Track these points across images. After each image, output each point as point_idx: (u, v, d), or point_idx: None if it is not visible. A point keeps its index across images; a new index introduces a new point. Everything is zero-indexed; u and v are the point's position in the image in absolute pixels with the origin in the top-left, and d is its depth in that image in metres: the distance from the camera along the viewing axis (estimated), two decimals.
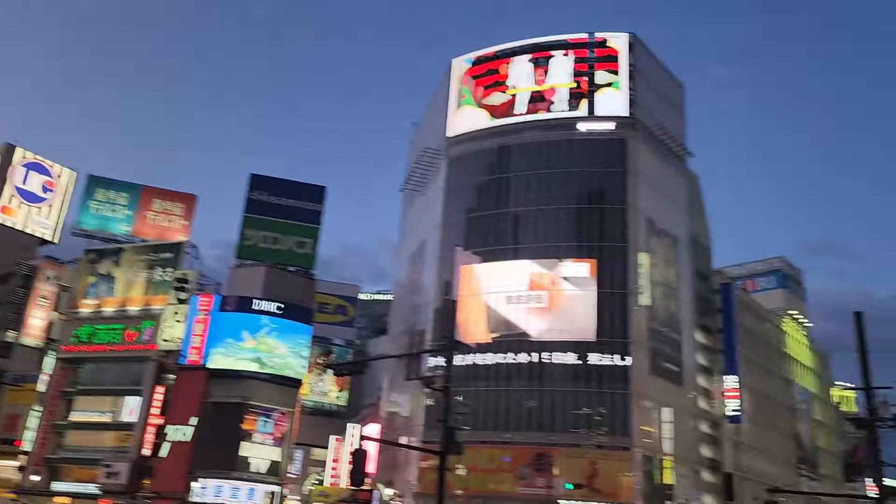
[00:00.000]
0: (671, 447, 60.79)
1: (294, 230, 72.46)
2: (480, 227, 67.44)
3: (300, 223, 72.60)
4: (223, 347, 62.53)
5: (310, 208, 74.03)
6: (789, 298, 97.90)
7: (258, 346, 63.26)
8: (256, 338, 63.40)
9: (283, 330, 64.57)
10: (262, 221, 72.44)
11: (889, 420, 21.52)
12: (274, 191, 73.59)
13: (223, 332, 62.86)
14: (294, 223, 72.24)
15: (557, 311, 62.22)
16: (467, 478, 57.89)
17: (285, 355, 64.41)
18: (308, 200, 74.16)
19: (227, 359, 62.28)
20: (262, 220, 72.41)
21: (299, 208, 73.14)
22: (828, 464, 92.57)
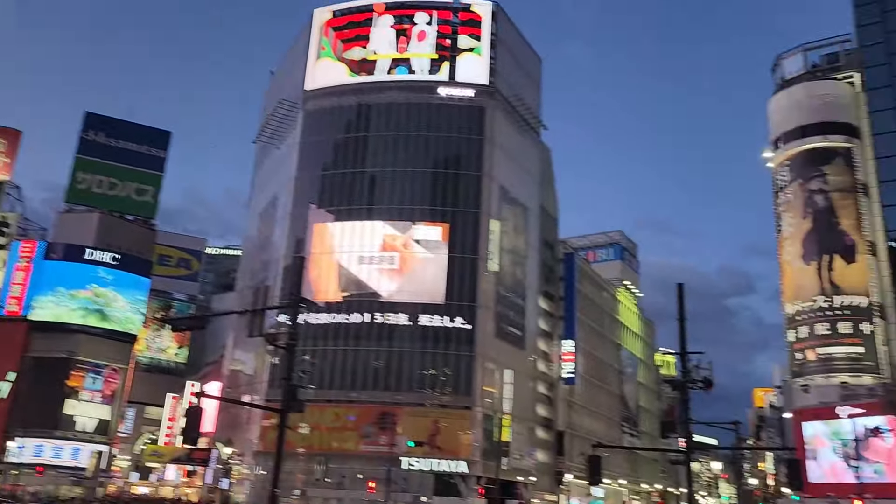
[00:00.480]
0: (510, 407, 63.78)
1: (134, 176, 67.63)
2: (335, 185, 66.37)
3: (141, 169, 67.81)
4: (49, 298, 57.71)
5: (152, 154, 69.21)
6: (625, 270, 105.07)
7: (92, 297, 58.96)
8: (89, 289, 59.03)
9: (118, 282, 60.57)
10: (98, 164, 66.93)
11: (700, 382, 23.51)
12: (113, 132, 68.02)
13: (49, 281, 57.95)
14: (134, 168, 67.36)
15: (408, 274, 62.87)
16: (311, 436, 57.65)
17: (124, 309, 60.63)
18: (150, 145, 69.23)
19: (53, 310, 57.59)
20: (97, 163, 66.89)
21: (140, 153, 68.15)
22: (647, 422, 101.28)
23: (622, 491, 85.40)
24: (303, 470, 58.08)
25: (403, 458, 55.27)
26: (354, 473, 56.89)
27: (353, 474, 56.95)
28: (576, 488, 74.24)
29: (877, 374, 48.92)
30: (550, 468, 72.74)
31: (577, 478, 70.94)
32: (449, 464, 57.41)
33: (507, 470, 59.06)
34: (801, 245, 54.35)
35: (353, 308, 61.98)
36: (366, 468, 55.39)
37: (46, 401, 55.12)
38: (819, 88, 57.42)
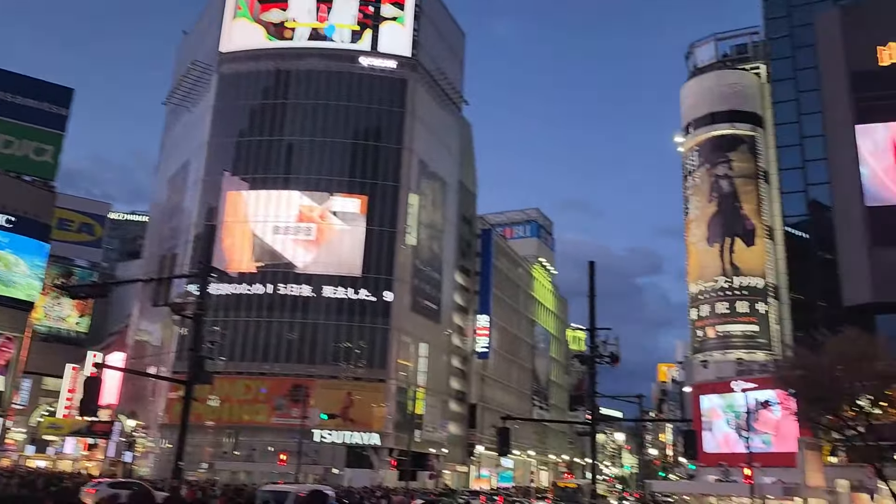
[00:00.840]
0: (424, 380, 64.38)
1: (32, 134, 63.35)
2: (251, 152, 64.49)
3: (40, 127, 63.47)
4: None
5: (53, 111, 64.85)
6: (540, 247, 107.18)
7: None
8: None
9: (14, 245, 57.10)
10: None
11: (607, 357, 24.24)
12: (10, 87, 63.32)
13: None
14: (33, 126, 63.01)
15: (325, 245, 62.07)
16: (220, 409, 56.47)
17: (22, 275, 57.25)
18: (51, 102, 64.80)
19: None
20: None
21: (40, 110, 63.71)
22: (557, 395, 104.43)
23: (531, 461, 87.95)
24: (211, 443, 56.95)
25: (316, 431, 54.99)
26: (265, 446, 56.24)
27: (264, 447, 56.29)
28: (486, 459, 75.97)
29: (769, 351, 51.93)
30: (462, 440, 74.07)
31: (488, 449, 72.52)
32: (362, 436, 57.55)
33: (420, 442, 59.76)
34: (707, 227, 56.76)
35: (268, 279, 60.81)
36: (277, 441, 54.80)
37: None
38: (729, 77, 59.68)
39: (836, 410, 28.71)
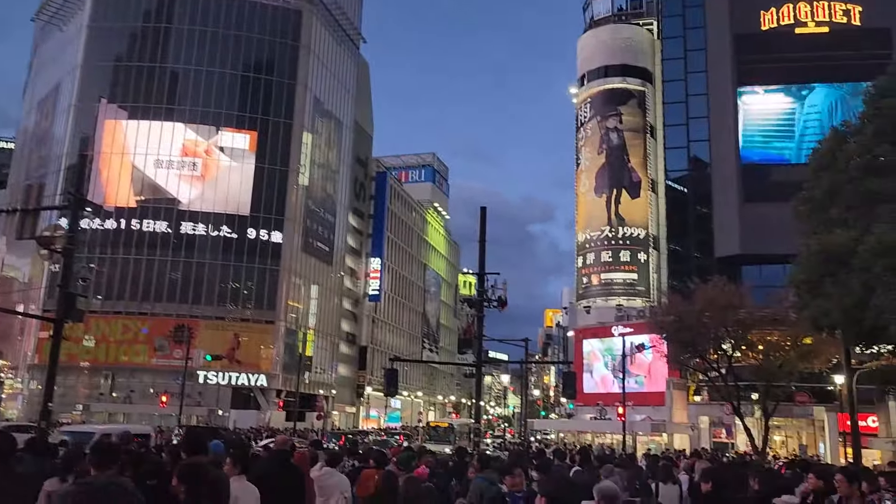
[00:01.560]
0: (315, 322, 63.88)
1: None
2: (130, 79, 60.18)
3: None
4: None
5: None
6: (435, 192, 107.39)
7: None
8: None
9: None
10: None
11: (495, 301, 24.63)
12: None
13: None
14: None
15: (212, 182, 59.51)
16: (96, 349, 54.01)
17: None
18: None
19: None
20: None
21: None
22: (447, 338, 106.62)
23: (419, 402, 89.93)
24: (86, 384, 54.54)
25: (200, 372, 53.69)
26: (145, 387, 54.44)
27: (144, 388, 54.49)
28: (375, 400, 76.99)
29: (647, 299, 54.98)
30: (352, 382, 74.54)
31: (377, 391, 73.42)
32: (249, 377, 56.74)
33: (309, 383, 59.61)
34: (595, 178, 58.66)
35: (149, 215, 57.85)
36: (158, 382, 53.13)
37: None
38: (623, 32, 61.08)
39: (703, 353, 30.82)
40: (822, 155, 20.92)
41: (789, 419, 39.58)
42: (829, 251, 18.16)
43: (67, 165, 57.89)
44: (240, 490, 6.14)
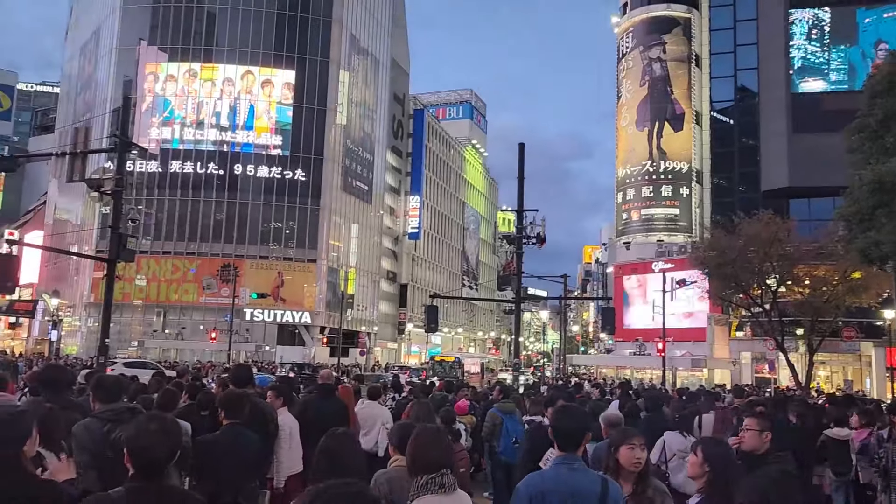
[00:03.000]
0: (356, 260, 64.79)
1: None
2: (168, 20, 60.19)
3: None
4: None
5: None
6: (473, 128, 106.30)
7: None
8: None
9: None
10: None
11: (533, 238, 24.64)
12: None
13: None
14: None
15: (252, 122, 59.84)
16: (148, 288, 55.90)
17: None
18: None
19: None
20: None
21: None
22: (486, 275, 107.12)
23: (459, 338, 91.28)
24: (140, 321, 56.65)
25: (246, 310, 55.25)
26: (195, 324, 56.32)
27: (194, 325, 56.38)
28: (416, 337, 78.35)
29: (688, 234, 54.25)
30: (393, 319, 75.89)
31: (418, 327, 74.66)
32: (293, 314, 58.19)
33: (351, 321, 60.89)
34: (636, 111, 57.24)
35: (193, 157, 58.71)
36: (207, 319, 54.91)
37: None
38: None
39: (746, 289, 30.49)
40: (878, 81, 20.00)
41: (835, 354, 39.21)
42: (883, 181, 17.52)
43: (112, 109, 58.73)
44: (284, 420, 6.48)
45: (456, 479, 3.36)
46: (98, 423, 4.39)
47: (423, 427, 3.65)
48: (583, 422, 3.71)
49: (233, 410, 5.02)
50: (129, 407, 4.59)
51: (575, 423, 3.60)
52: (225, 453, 4.37)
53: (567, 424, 3.57)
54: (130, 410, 4.49)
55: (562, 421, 3.60)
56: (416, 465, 3.37)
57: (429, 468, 3.29)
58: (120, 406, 4.56)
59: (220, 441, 4.83)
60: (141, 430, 2.86)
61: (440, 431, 3.68)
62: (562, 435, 3.55)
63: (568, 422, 3.59)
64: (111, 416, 4.38)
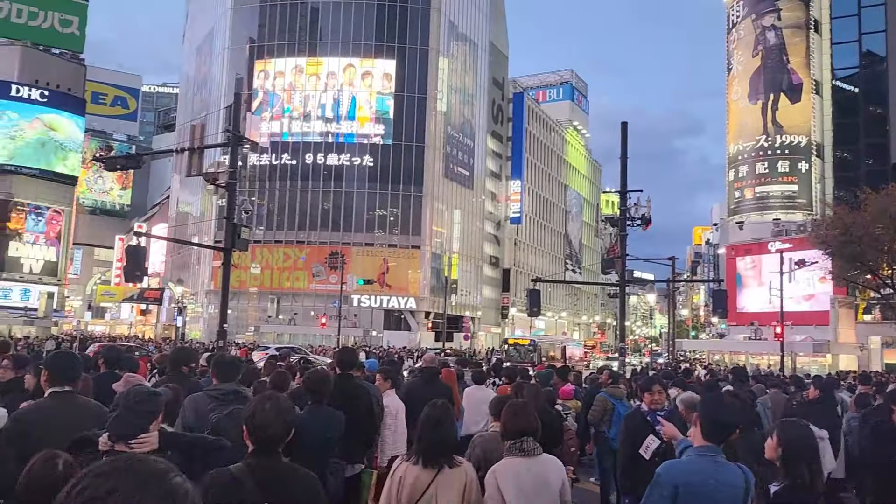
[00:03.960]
0: (459, 246, 65.34)
1: (54, 4, 62.02)
2: (275, 18, 62.54)
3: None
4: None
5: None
6: (574, 110, 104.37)
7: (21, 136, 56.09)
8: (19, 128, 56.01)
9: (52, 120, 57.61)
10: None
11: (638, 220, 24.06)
12: None
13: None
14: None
15: (356, 113, 61.34)
16: (262, 276, 58.63)
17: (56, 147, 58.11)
18: None
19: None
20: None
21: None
22: (590, 258, 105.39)
23: (563, 322, 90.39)
24: (256, 308, 59.54)
25: (354, 296, 56.93)
26: (306, 310, 58.63)
27: (305, 311, 58.70)
28: (519, 321, 78.19)
29: (808, 211, 51.22)
30: (496, 303, 76.08)
31: (521, 311, 74.52)
32: (398, 300, 59.45)
33: (455, 305, 61.55)
34: (749, 84, 54.40)
35: (301, 149, 60.88)
36: (317, 305, 57.03)
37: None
38: None
39: (874, 269, 28.55)
40: None
41: None
42: None
43: (225, 105, 61.77)
44: (390, 402, 6.68)
45: (539, 446, 3.99)
46: (206, 399, 4.76)
47: (512, 401, 4.33)
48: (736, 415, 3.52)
49: (317, 392, 5.20)
50: (234, 389, 4.89)
51: (727, 417, 3.42)
52: (307, 431, 4.57)
53: (718, 416, 3.40)
54: (235, 392, 4.81)
55: (714, 412, 3.42)
56: (505, 432, 4.11)
57: (513, 435, 4.00)
58: (228, 387, 4.90)
59: (304, 420, 5.04)
60: (258, 409, 3.06)
61: (525, 405, 4.27)
62: (711, 426, 3.37)
63: (720, 413, 3.41)
64: (218, 394, 4.75)
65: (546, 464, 3.99)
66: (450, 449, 3.97)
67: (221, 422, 4.32)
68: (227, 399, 4.70)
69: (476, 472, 4.07)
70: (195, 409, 4.79)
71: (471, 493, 3.86)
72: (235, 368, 5.20)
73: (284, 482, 2.97)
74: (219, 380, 5.01)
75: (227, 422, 4.25)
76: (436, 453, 3.88)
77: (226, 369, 5.09)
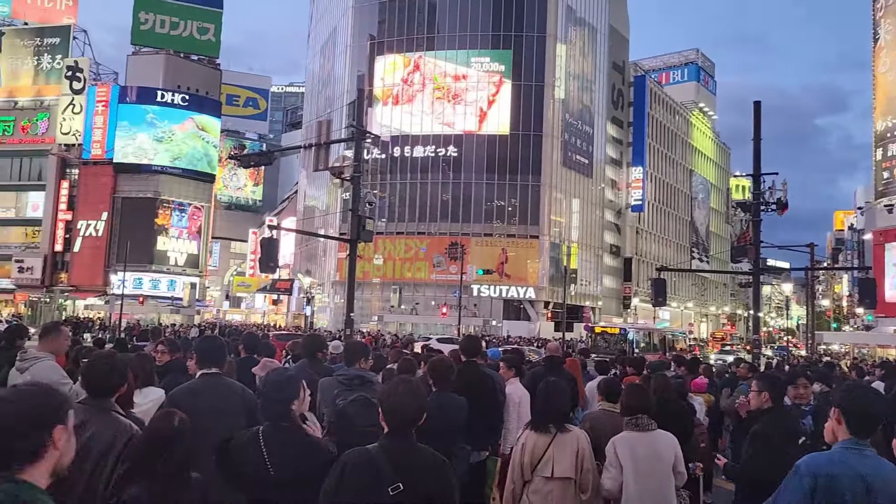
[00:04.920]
0: (578, 235, 64.34)
1: (194, 14, 66.34)
2: (394, 14, 63.87)
3: (200, 6, 66.36)
4: (127, 140, 59.65)
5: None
6: (700, 91, 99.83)
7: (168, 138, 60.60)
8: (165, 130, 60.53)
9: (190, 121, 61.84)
10: (157, 2, 65.86)
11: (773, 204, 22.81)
12: None
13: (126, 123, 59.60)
14: (193, 6, 65.98)
15: (474, 104, 61.64)
16: (384, 267, 60.28)
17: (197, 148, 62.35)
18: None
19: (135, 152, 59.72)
20: (156, 1, 65.83)
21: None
22: (718, 246, 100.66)
23: (689, 313, 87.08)
24: (379, 298, 61.34)
25: (473, 286, 57.38)
26: (427, 300, 59.73)
27: (427, 301, 59.82)
28: (642, 311, 76.02)
29: None
30: (618, 293, 74.35)
31: (644, 301, 72.43)
32: (518, 290, 59.37)
33: (575, 295, 60.72)
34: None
35: (420, 142, 61.95)
36: (438, 295, 57.98)
37: (139, 237, 58.43)
38: None
39: None
40: None
41: None
42: None
43: (348, 102, 63.97)
44: (514, 391, 6.71)
45: (653, 423, 4.60)
46: (335, 384, 5.01)
47: (631, 382, 5.05)
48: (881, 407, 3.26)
49: (441, 378, 5.32)
50: (359, 374, 5.12)
51: (872, 408, 3.21)
52: (431, 416, 4.67)
53: (861, 407, 3.21)
54: (360, 378, 5.03)
55: (855, 403, 3.23)
56: (622, 409, 4.80)
57: (630, 411, 4.67)
58: (352, 372, 5.18)
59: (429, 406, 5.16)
60: (392, 392, 3.20)
61: (641, 386, 4.97)
62: (854, 418, 3.17)
63: (863, 404, 3.22)
64: (343, 379, 5.00)
65: (659, 438, 4.61)
66: (560, 417, 4.59)
67: (346, 408, 4.52)
68: (353, 385, 4.91)
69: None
70: (323, 393, 5.05)
71: (583, 459, 4.50)
72: (359, 353, 5.44)
73: (417, 463, 3.08)
74: (346, 363, 5.33)
75: (350, 408, 4.46)
76: (546, 421, 4.54)
77: (351, 354, 5.45)
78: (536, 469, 4.46)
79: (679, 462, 4.60)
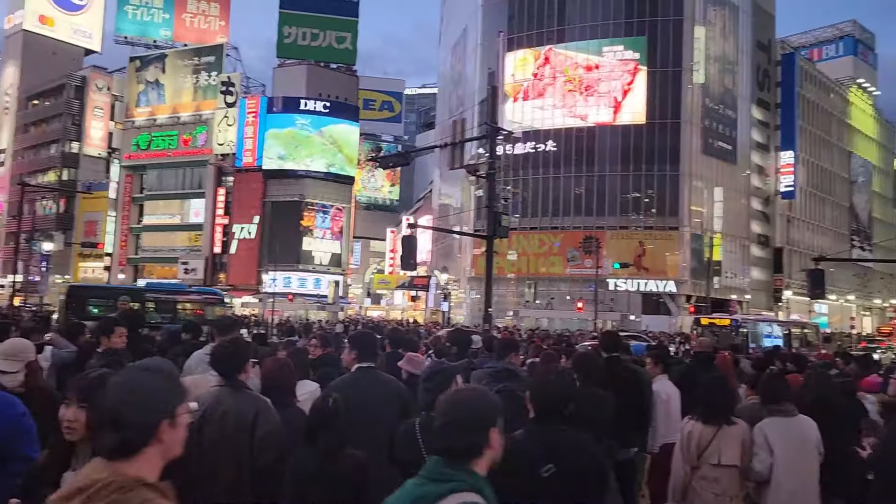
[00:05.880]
0: (721, 225, 61.31)
1: (332, 24, 69.66)
2: (524, 9, 63.68)
3: (336, 16, 69.52)
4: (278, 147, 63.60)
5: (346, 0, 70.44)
6: (858, 66, 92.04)
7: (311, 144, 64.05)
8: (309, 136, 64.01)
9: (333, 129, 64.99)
10: (299, 16, 69.71)
11: None
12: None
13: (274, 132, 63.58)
14: (331, 17, 69.25)
15: (608, 94, 60.35)
16: (519, 262, 60.37)
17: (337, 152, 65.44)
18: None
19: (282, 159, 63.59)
20: (298, 15, 69.64)
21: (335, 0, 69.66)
22: (882, 234, 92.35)
23: (850, 307, 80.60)
24: (514, 293, 61.57)
25: (609, 280, 56.21)
26: (562, 295, 59.21)
27: (562, 296, 59.31)
28: (796, 305, 71.18)
29: None
30: (768, 286, 70.18)
31: (797, 294, 67.82)
32: (657, 283, 57.51)
33: (719, 289, 57.99)
34: None
35: (552, 136, 61.48)
36: (573, 290, 57.33)
37: (287, 239, 62.39)
38: None
39: None
40: None
41: None
42: None
43: (480, 100, 64.54)
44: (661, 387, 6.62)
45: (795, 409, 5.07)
46: (482, 376, 5.25)
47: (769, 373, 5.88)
48: None
49: (584, 371, 5.37)
50: (506, 367, 5.33)
51: None
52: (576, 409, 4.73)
53: None
54: (507, 370, 5.24)
55: None
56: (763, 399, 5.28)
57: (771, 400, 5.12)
58: (501, 365, 5.42)
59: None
60: (540, 380, 3.39)
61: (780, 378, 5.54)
62: None
63: None
64: (491, 371, 5.24)
65: (803, 423, 5.07)
66: (725, 411, 4.95)
67: None
68: (500, 377, 5.12)
69: None
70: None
71: (748, 448, 4.91)
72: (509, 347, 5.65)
73: (566, 444, 3.20)
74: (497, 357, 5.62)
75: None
76: (710, 413, 4.91)
77: (501, 348, 5.71)
78: (703, 457, 4.83)
79: (821, 444, 5.02)
